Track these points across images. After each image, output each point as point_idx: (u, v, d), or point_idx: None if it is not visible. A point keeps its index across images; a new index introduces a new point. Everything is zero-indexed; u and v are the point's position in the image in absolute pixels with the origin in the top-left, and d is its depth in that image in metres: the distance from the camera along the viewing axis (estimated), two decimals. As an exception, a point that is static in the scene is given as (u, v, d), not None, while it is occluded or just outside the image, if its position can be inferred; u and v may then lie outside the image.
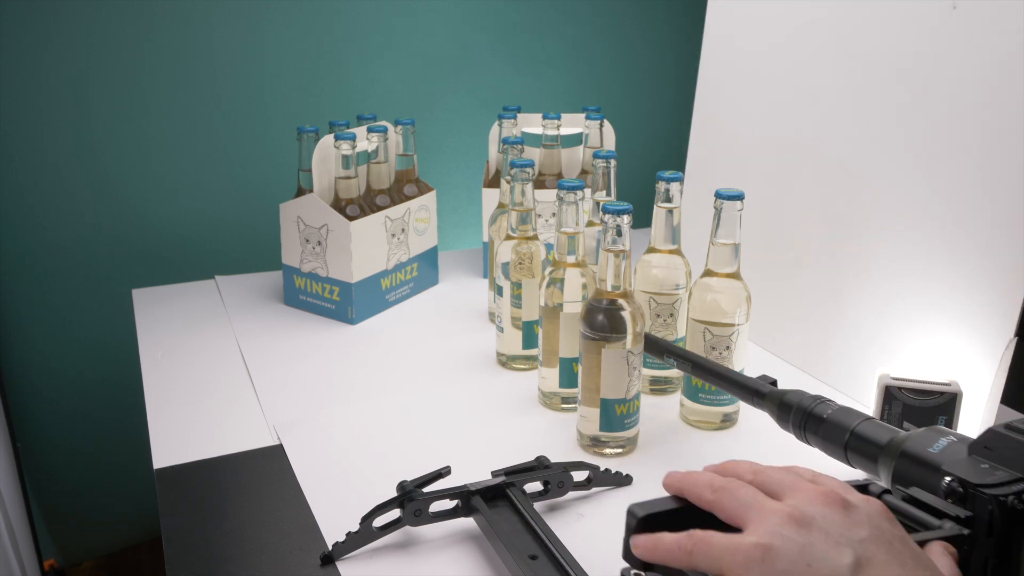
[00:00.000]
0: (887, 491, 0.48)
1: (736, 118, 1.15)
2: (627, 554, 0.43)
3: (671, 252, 0.92)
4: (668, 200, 0.89)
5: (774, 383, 0.72)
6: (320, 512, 0.75)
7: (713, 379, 0.79)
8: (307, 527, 0.73)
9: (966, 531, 0.44)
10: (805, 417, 0.65)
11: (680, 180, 0.88)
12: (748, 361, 0.89)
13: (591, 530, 0.73)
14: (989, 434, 0.49)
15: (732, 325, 0.85)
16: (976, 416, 0.82)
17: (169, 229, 1.45)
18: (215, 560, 0.70)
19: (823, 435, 0.63)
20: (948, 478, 0.46)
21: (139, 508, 1.52)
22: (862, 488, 0.48)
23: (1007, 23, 0.79)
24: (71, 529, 1.55)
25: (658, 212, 0.90)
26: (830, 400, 0.66)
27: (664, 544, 0.42)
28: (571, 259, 0.89)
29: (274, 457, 0.84)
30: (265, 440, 0.87)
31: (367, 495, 0.73)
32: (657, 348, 0.85)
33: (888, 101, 0.92)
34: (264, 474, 0.82)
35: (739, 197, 0.82)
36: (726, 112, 1.17)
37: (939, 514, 0.46)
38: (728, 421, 0.90)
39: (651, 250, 0.93)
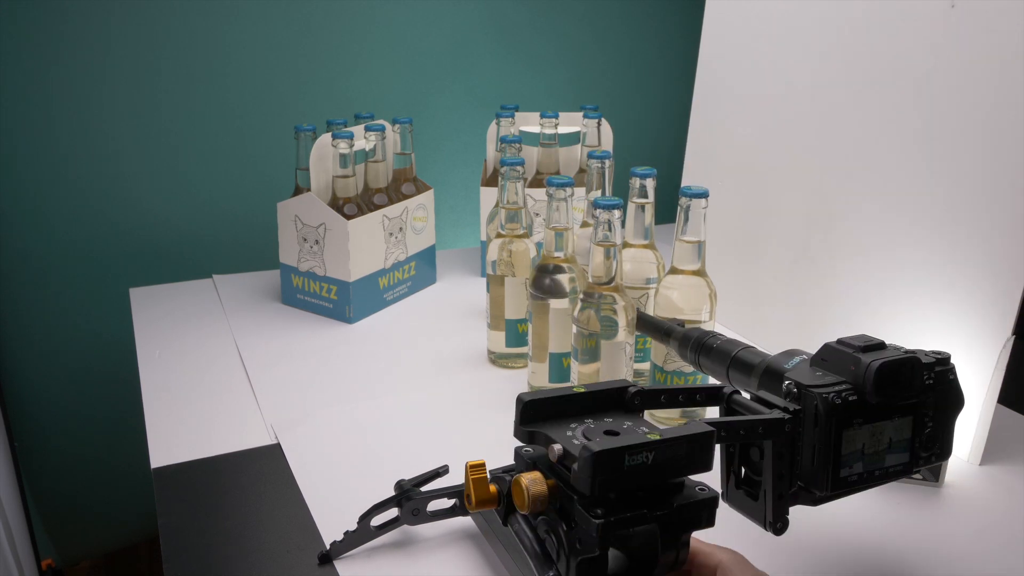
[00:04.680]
0: (736, 391, 0.56)
1: (734, 116, 1.15)
2: (516, 432, 0.53)
3: (644, 247, 0.92)
4: (644, 196, 0.89)
5: (682, 324, 0.80)
6: (318, 511, 0.75)
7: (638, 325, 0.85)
8: (305, 526, 0.73)
9: (787, 416, 0.54)
10: (698, 347, 0.75)
11: (654, 176, 0.89)
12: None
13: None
14: (825, 348, 0.58)
15: (694, 323, 0.86)
16: (974, 415, 0.83)
17: (166, 228, 1.45)
18: (212, 559, 0.70)
19: (712, 360, 0.73)
20: (787, 381, 0.56)
21: (137, 507, 1.52)
22: (715, 390, 0.57)
23: (1005, 22, 0.79)
24: (69, 529, 1.55)
25: (631, 207, 0.90)
26: (720, 334, 0.75)
27: None
28: (559, 255, 0.89)
29: (271, 456, 0.84)
30: (262, 439, 0.87)
31: (365, 494, 0.73)
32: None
33: (886, 100, 0.92)
34: (261, 473, 0.82)
35: (704, 195, 0.83)
36: (724, 110, 1.17)
37: (771, 406, 0.55)
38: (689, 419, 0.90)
39: (625, 245, 0.93)
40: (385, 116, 1.26)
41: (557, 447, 0.48)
